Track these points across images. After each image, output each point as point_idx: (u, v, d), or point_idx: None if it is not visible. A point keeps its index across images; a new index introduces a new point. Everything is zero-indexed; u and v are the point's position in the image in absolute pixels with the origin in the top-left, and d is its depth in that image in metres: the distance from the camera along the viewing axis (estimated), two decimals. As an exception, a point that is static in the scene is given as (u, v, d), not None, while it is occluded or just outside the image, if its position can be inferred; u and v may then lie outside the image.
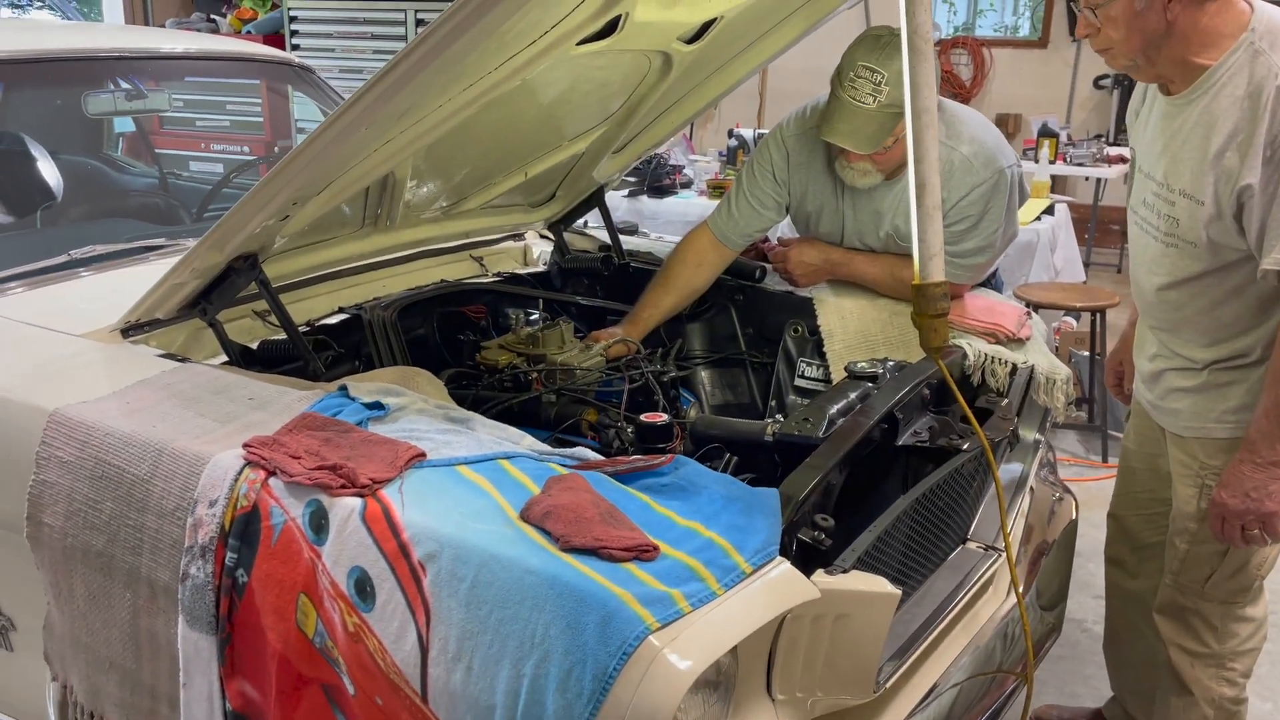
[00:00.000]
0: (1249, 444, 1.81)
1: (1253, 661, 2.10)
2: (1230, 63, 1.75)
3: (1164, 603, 2.12)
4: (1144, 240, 1.98)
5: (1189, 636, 2.08)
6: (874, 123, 2.10)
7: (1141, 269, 2.00)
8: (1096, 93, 8.16)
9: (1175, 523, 2.07)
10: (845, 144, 2.14)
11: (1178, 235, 1.87)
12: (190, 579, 1.36)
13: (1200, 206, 1.80)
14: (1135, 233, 2.02)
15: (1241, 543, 1.89)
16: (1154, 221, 1.93)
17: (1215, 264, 1.83)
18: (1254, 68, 1.73)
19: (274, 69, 3.20)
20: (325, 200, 1.76)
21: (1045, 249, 4.55)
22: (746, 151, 5.41)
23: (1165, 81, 1.87)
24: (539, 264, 2.74)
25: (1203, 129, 1.79)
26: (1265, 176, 1.70)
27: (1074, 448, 4.24)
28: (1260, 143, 1.70)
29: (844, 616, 1.33)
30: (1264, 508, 1.81)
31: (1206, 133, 1.78)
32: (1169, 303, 1.94)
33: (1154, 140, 1.93)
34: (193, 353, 1.85)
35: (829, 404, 1.73)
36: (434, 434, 1.45)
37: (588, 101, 2.18)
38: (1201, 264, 1.85)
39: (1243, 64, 1.74)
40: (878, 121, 2.10)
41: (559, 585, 1.16)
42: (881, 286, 2.34)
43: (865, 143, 2.12)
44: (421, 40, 1.37)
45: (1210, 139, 1.77)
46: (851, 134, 2.12)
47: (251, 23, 5.66)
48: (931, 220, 1.50)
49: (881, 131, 2.11)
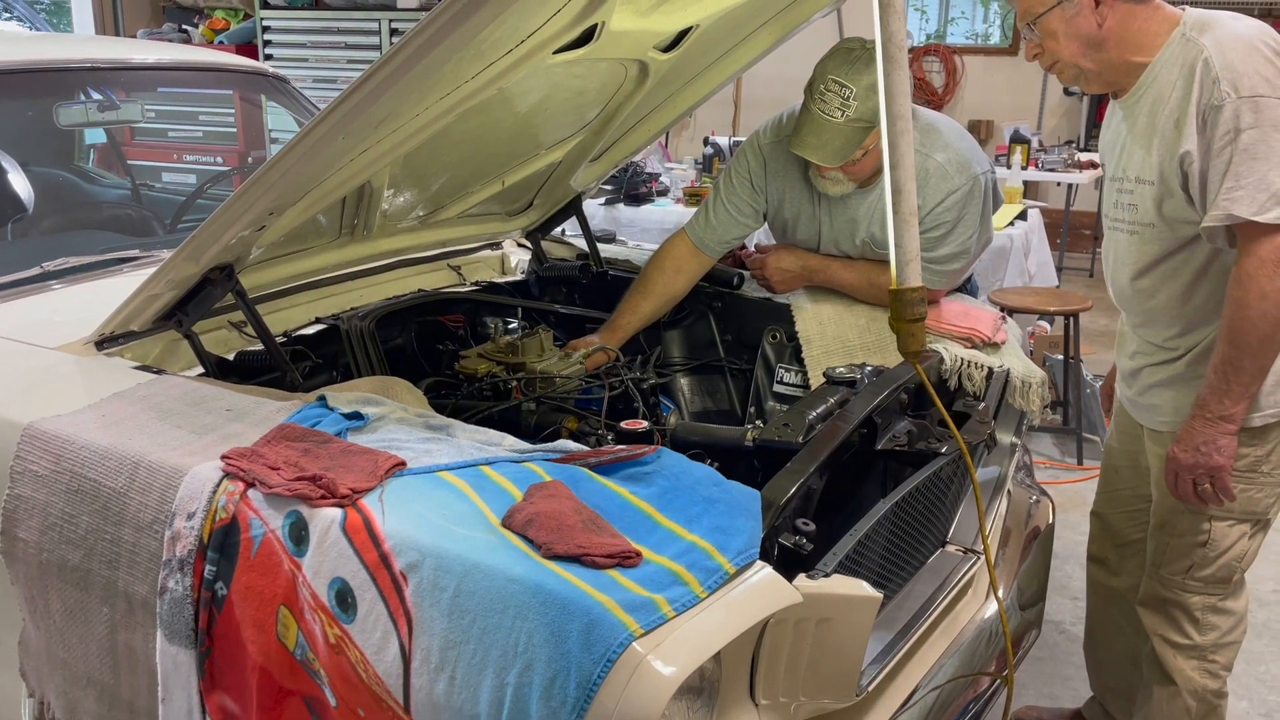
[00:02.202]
0: (1200, 401, 1.88)
1: (1234, 655, 2.13)
2: (1166, 54, 1.86)
3: (1146, 595, 2.15)
4: (1115, 238, 2.05)
5: (1171, 628, 2.11)
6: (841, 136, 2.12)
7: (1117, 266, 2.06)
8: (1067, 99, 8.27)
9: (1155, 515, 2.11)
10: (813, 158, 2.16)
11: (1138, 221, 1.95)
12: (169, 592, 1.35)
13: (1152, 187, 1.89)
14: (1108, 237, 2.08)
15: (1195, 500, 1.94)
16: (1120, 216, 2.01)
17: (1175, 243, 1.90)
18: (1185, 50, 1.83)
19: (248, 79, 3.18)
20: (302, 210, 1.76)
21: (1019, 254, 4.59)
22: (722, 159, 5.44)
23: (1115, 88, 1.97)
24: (517, 273, 2.74)
25: (1148, 117, 1.89)
26: (1202, 143, 1.79)
27: (1049, 450, 4.28)
28: (1193, 111, 1.79)
29: (826, 620, 1.33)
30: (1212, 461, 1.87)
31: (1151, 119, 1.88)
32: (1143, 292, 2.00)
33: (1115, 143, 2.03)
34: (168, 364, 1.84)
35: (808, 409, 1.74)
36: (414, 443, 1.45)
37: (564, 110, 2.18)
38: (1163, 245, 1.92)
39: (1176, 52, 1.85)
40: (845, 135, 2.11)
41: (542, 593, 1.15)
42: (858, 292, 2.36)
43: (833, 156, 2.14)
44: (398, 49, 1.37)
45: (1155, 122, 1.87)
46: (819, 148, 2.14)
47: (224, 33, 5.63)
48: (908, 226, 1.51)
49: (849, 145, 2.12)
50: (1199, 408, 1.88)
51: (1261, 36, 1.80)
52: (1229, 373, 1.82)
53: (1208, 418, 1.87)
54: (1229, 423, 1.86)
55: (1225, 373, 1.83)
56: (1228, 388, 1.83)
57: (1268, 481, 1.98)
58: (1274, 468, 1.97)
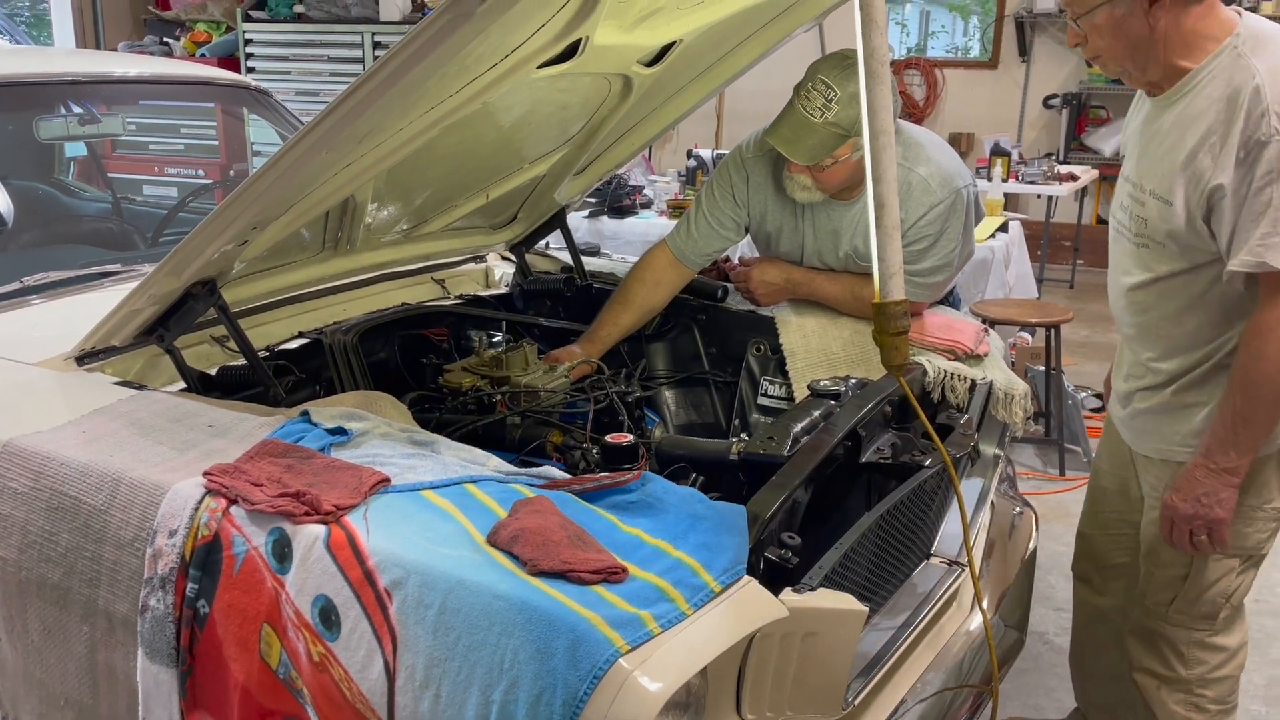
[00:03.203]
0: (1205, 449, 1.82)
1: (1227, 690, 2.06)
2: (1212, 66, 1.74)
3: (1133, 624, 2.11)
4: (1119, 243, 1.99)
5: (1155, 660, 2.07)
6: (815, 136, 2.13)
7: (1116, 271, 2.00)
8: (1046, 112, 8.34)
9: (1143, 543, 2.07)
10: (782, 149, 2.17)
11: (1147, 235, 1.88)
12: (150, 611, 1.33)
13: (1169, 207, 1.80)
14: (1112, 237, 2.02)
15: (1190, 548, 1.90)
16: (1126, 223, 1.94)
17: (1182, 265, 1.83)
18: (1234, 70, 1.71)
19: (230, 92, 3.17)
20: (285, 224, 1.75)
21: (1000, 266, 4.62)
22: (705, 172, 5.45)
23: (1154, 87, 1.86)
24: (501, 286, 2.73)
25: (1178, 131, 1.78)
26: (1238, 178, 1.69)
27: (1032, 461, 4.30)
28: (1235, 143, 1.68)
29: (812, 635, 1.33)
30: (1213, 514, 1.82)
31: (1181, 134, 1.77)
32: (1137, 304, 1.94)
33: (1133, 143, 1.94)
34: (150, 380, 1.82)
35: (793, 422, 1.74)
36: (398, 459, 1.44)
37: (548, 124, 2.19)
38: (1169, 265, 1.85)
39: (1224, 66, 1.73)
40: (819, 136, 2.12)
41: (528, 610, 1.15)
42: (842, 305, 2.37)
43: (803, 153, 2.15)
44: (382, 65, 1.37)
45: (1184, 140, 1.76)
46: (792, 141, 2.15)
47: (206, 46, 5.61)
48: (891, 239, 1.52)
49: (821, 147, 2.13)
50: (1203, 456, 1.82)
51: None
52: (1238, 425, 1.76)
53: (1211, 468, 1.80)
54: (1233, 475, 1.79)
55: (1235, 425, 1.76)
56: (1235, 440, 1.76)
57: (1257, 517, 1.92)
58: (1264, 502, 1.91)
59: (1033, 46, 8.34)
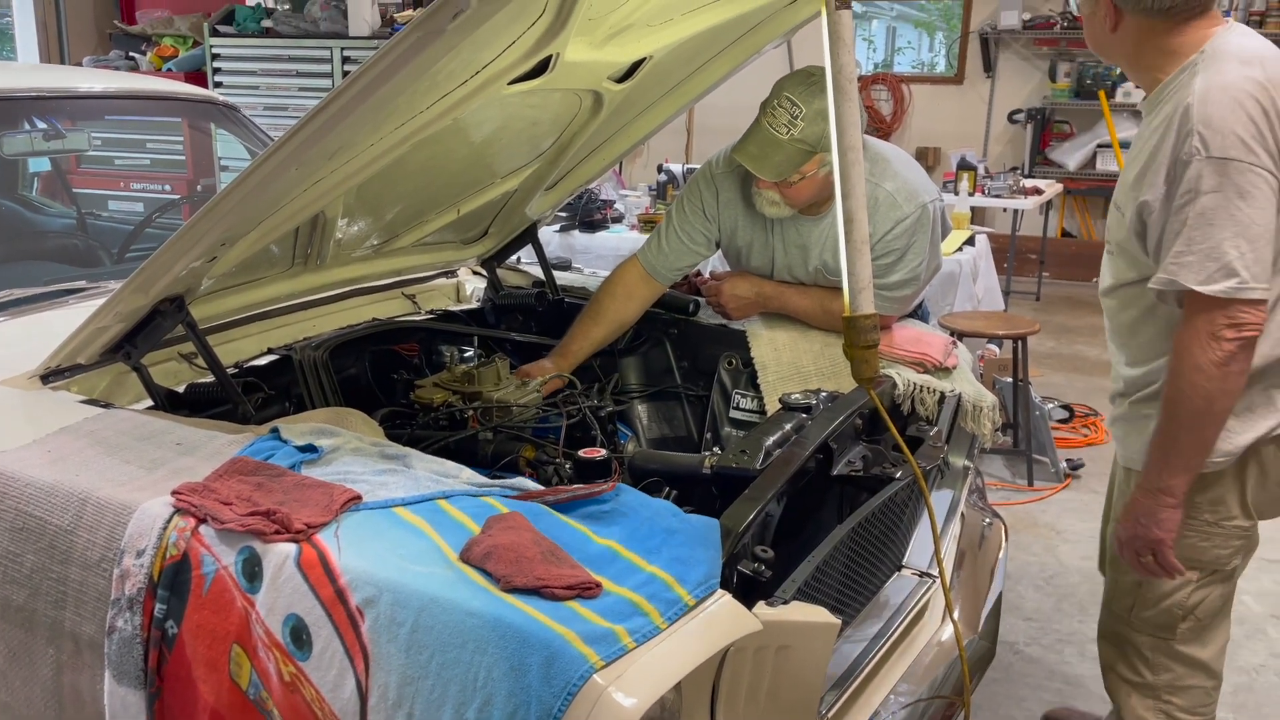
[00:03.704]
0: (1144, 470, 1.82)
1: (1200, 700, 2.03)
2: (1175, 81, 1.75)
3: (1102, 626, 2.13)
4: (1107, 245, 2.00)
5: (1123, 663, 2.07)
6: (782, 152, 2.15)
7: (1102, 273, 2.01)
8: (1011, 127, 8.45)
9: (1108, 549, 2.09)
10: (750, 166, 2.18)
11: (1112, 242, 1.90)
12: (117, 632, 1.32)
13: (1122, 218, 1.83)
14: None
15: (1140, 569, 1.88)
16: (1109, 224, 1.97)
17: (1133, 276, 1.84)
18: (1182, 88, 1.72)
19: (198, 108, 3.15)
20: (254, 240, 1.74)
21: (967, 279, 4.68)
22: (676, 186, 5.48)
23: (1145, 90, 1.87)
24: (472, 300, 2.73)
25: (1140, 143, 1.82)
26: (1163, 196, 1.70)
27: (1000, 472, 4.34)
28: (1165, 161, 1.70)
29: (786, 648, 1.34)
30: (1151, 534, 1.81)
31: (1140, 148, 1.80)
32: (1108, 309, 1.97)
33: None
34: (116, 398, 1.80)
35: (765, 436, 1.75)
36: (369, 475, 1.43)
37: (519, 139, 2.19)
38: (1126, 274, 1.86)
39: (1180, 83, 1.73)
40: (786, 153, 2.14)
41: (501, 626, 1.15)
42: (813, 319, 2.39)
43: (769, 169, 2.17)
44: (353, 81, 1.37)
45: (1141, 154, 1.79)
46: (758, 158, 2.17)
47: (173, 60, 5.56)
48: (860, 254, 1.53)
49: (788, 164, 2.15)
50: (1142, 478, 1.82)
51: (1252, 91, 1.66)
52: (1167, 445, 1.77)
53: (1147, 488, 1.80)
54: (1168, 495, 1.78)
55: (1164, 445, 1.77)
56: (1165, 460, 1.77)
57: (1214, 532, 1.90)
58: (1220, 518, 1.89)
59: (997, 62, 8.46)
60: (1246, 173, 1.62)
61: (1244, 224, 1.62)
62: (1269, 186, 1.64)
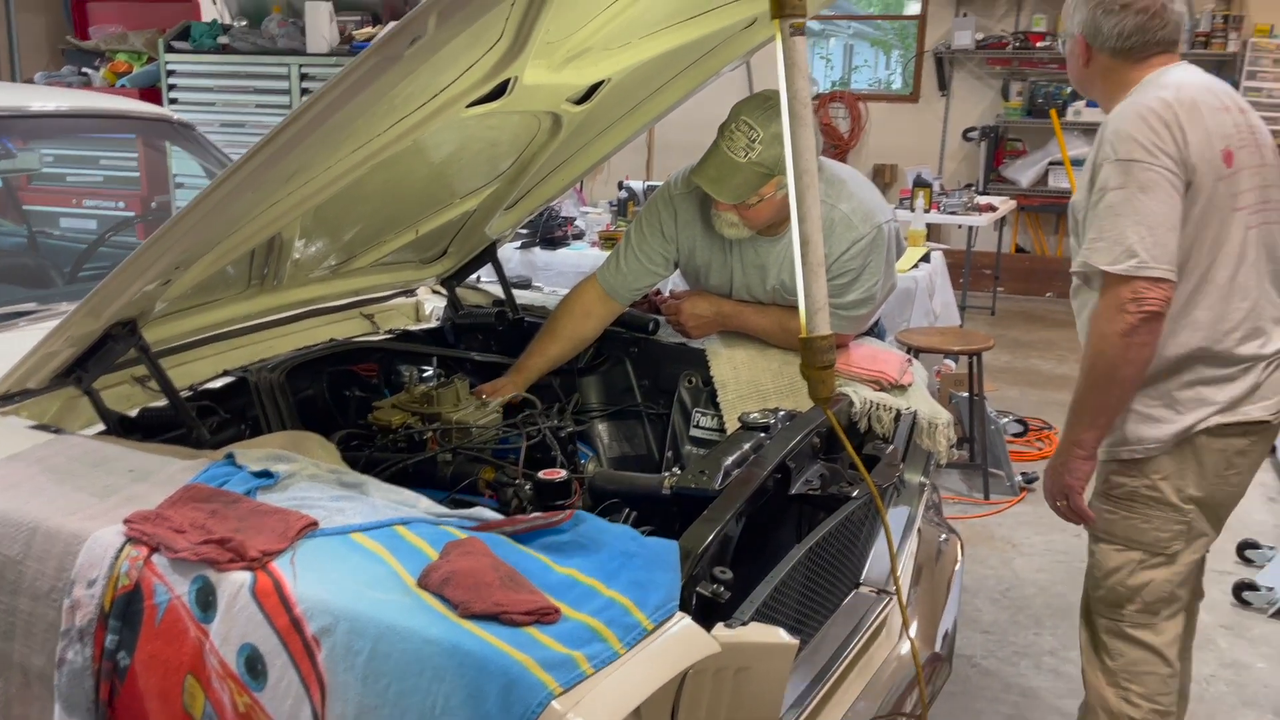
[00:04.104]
0: (1064, 426, 2.07)
1: (1158, 689, 2.10)
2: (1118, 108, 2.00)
3: (1081, 609, 2.24)
4: None
5: (1090, 645, 2.19)
6: (740, 175, 2.17)
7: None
8: (965, 144, 8.59)
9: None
10: (708, 188, 2.21)
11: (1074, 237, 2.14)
12: (67, 664, 1.29)
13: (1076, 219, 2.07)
14: None
15: (1060, 514, 2.11)
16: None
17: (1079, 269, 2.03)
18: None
19: (153, 126, 3.12)
20: (209, 263, 1.73)
21: (924, 295, 4.74)
22: (637, 203, 5.50)
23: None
24: (432, 320, 2.72)
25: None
26: (1086, 195, 1.97)
27: (957, 486, 4.39)
28: (1088, 167, 1.98)
29: (744, 669, 1.35)
30: (1064, 481, 2.06)
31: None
32: (1074, 309, 2.14)
33: None
34: (67, 423, 1.78)
35: (724, 455, 1.76)
36: (326, 501, 1.42)
37: (478, 160, 2.19)
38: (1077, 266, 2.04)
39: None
40: (744, 176, 2.17)
41: (459, 654, 1.14)
42: (771, 337, 2.41)
43: (728, 192, 2.19)
44: (310, 105, 1.36)
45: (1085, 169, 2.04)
46: (717, 181, 2.19)
47: (126, 76, 5.49)
48: (816, 276, 1.55)
49: (746, 186, 2.18)
50: (1061, 432, 2.09)
51: (1156, 107, 1.90)
52: (1078, 403, 2.01)
53: (1064, 442, 2.06)
54: (1080, 448, 2.02)
55: (1076, 403, 2.02)
56: (1078, 417, 2.01)
57: (1152, 514, 2.03)
58: (1155, 496, 2.02)
59: (952, 81, 8.60)
60: (1147, 171, 1.88)
61: (1144, 213, 1.87)
62: (1169, 183, 1.88)
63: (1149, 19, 2.00)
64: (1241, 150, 1.97)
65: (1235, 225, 1.97)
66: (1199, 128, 1.91)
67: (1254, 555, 3.74)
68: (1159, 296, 1.87)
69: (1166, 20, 2.01)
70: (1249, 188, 1.98)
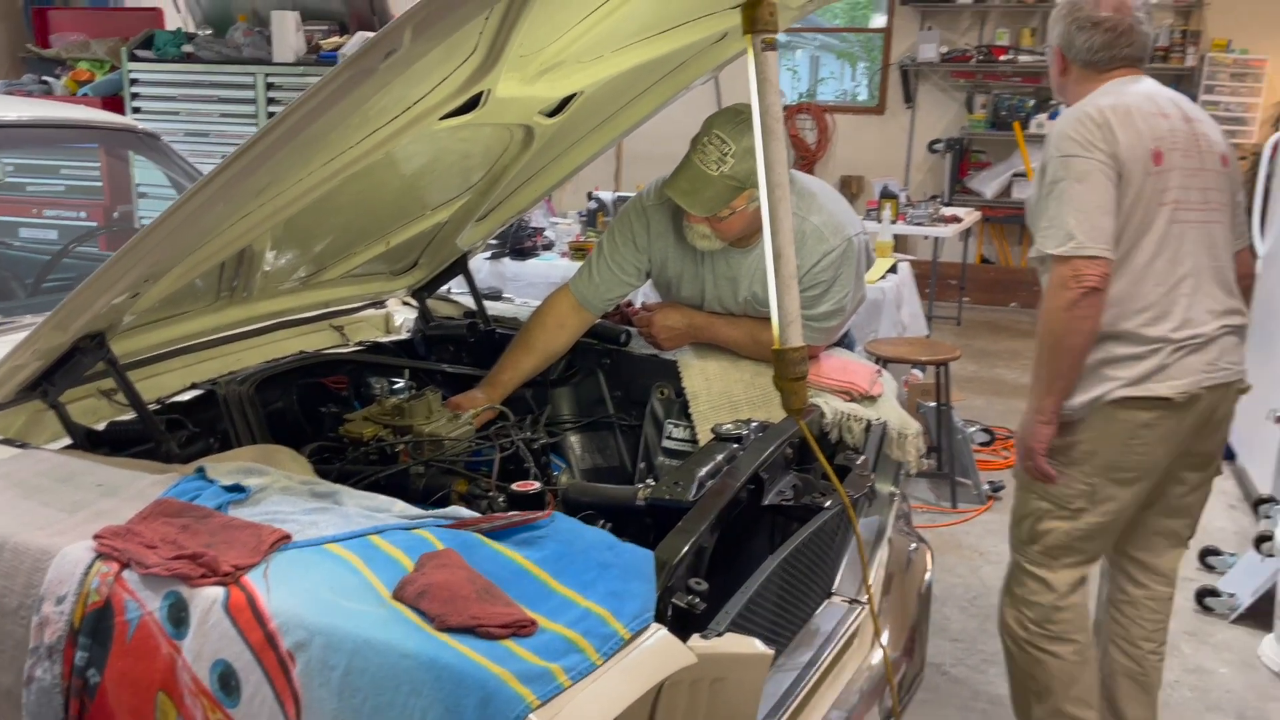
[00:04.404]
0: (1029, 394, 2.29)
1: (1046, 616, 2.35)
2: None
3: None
4: None
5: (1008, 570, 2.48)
6: (712, 188, 2.18)
7: None
8: (931, 156, 8.69)
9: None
10: (681, 202, 2.22)
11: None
12: (35, 682, 1.27)
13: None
14: None
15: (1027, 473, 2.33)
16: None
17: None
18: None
19: (118, 136, 3.08)
20: (179, 276, 1.71)
21: (892, 306, 4.78)
22: (606, 213, 5.51)
23: None
24: (402, 332, 2.71)
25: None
26: (1038, 194, 2.23)
27: (925, 495, 4.43)
28: (1039, 165, 2.25)
29: (720, 680, 1.35)
30: (1028, 443, 2.28)
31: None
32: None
33: None
34: (32, 437, 1.75)
35: (697, 466, 1.77)
36: (299, 514, 1.41)
37: (450, 172, 2.19)
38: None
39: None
40: (716, 189, 2.18)
41: (436, 667, 1.14)
42: (742, 349, 2.42)
43: (701, 205, 2.21)
44: (282, 118, 1.36)
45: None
46: (690, 194, 2.20)
47: (89, 85, 5.42)
48: (789, 289, 1.57)
49: (718, 199, 2.19)
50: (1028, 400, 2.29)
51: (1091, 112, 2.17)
52: (1035, 373, 2.25)
53: (1028, 408, 2.27)
54: (1040, 413, 2.24)
55: (1034, 373, 2.25)
56: (1036, 385, 2.25)
57: (1065, 472, 2.27)
58: (1074, 462, 2.26)
59: (917, 93, 8.70)
60: (1083, 163, 2.13)
61: (1081, 201, 2.12)
62: (1102, 174, 2.13)
63: (1116, 36, 2.25)
64: (1174, 152, 2.19)
65: (1160, 217, 2.18)
66: (1130, 129, 2.15)
67: (1215, 562, 3.81)
68: (1096, 273, 2.10)
69: (1133, 39, 2.26)
70: (1180, 186, 2.19)
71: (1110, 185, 2.12)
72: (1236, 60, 7.80)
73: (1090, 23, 2.26)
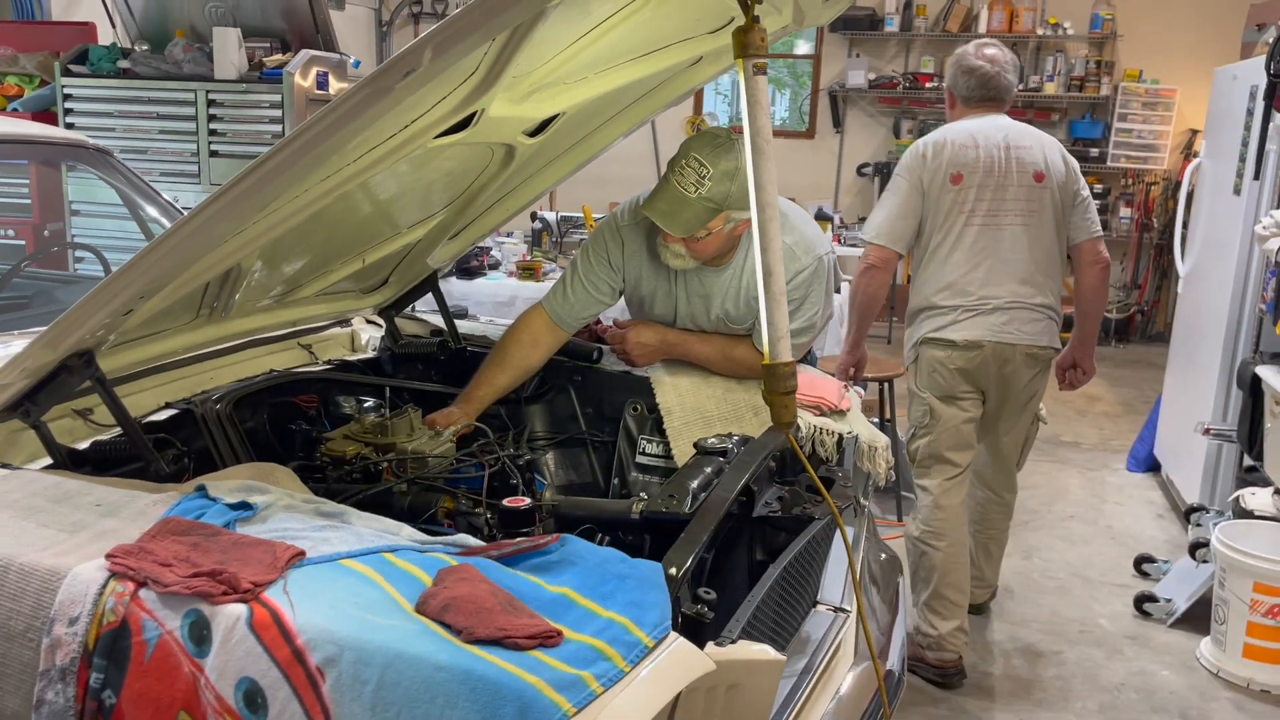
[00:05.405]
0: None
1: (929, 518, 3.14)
2: None
3: None
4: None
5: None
6: (690, 210, 2.23)
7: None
8: (859, 179, 8.92)
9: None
10: (659, 222, 2.26)
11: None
12: (47, 705, 1.24)
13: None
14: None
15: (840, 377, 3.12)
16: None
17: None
18: None
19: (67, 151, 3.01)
20: (171, 293, 1.69)
21: (835, 324, 4.88)
22: (550, 233, 5.53)
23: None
24: (368, 350, 2.69)
25: None
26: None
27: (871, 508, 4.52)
28: None
29: (735, 686, 1.38)
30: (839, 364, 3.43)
31: None
32: None
33: None
34: (9, 458, 1.71)
35: (688, 480, 1.80)
36: (309, 531, 1.41)
37: (432, 189, 2.20)
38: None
39: None
40: (693, 210, 2.23)
41: (471, 679, 1.15)
42: (714, 365, 2.47)
43: (678, 226, 2.25)
44: (297, 135, 1.36)
45: None
46: (668, 215, 2.25)
47: (18, 100, 5.26)
48: (778, 305, 1.61)
49: (695, 221, 2.24)
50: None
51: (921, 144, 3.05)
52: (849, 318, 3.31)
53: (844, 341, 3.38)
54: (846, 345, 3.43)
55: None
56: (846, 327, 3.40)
57: (917, 398, 3.16)
58: (917, 390, 3.15)
59: (845, 118, 8.92)
60: (899, 180, 3.07)
61: (887, 206, 3.08)
62: (910, 189, 3.04)
63: (984, 81, 3.06)
64: (973, 175, 2.99)
65: (957, 224, 3.02)
66: (939, 158, 3.00)
67: (1150, 569, 3.97)
68: (877, 256, 3.07)
69: (997, 85, 3.07)
70: (977, 199, 2.99)
71: (912, 198, 3.03)
72: (1148, 90, 8.19)
73: (967, 69, 3.07)
